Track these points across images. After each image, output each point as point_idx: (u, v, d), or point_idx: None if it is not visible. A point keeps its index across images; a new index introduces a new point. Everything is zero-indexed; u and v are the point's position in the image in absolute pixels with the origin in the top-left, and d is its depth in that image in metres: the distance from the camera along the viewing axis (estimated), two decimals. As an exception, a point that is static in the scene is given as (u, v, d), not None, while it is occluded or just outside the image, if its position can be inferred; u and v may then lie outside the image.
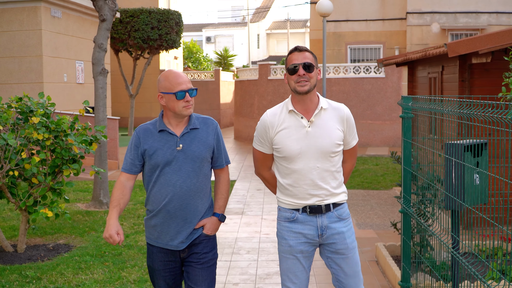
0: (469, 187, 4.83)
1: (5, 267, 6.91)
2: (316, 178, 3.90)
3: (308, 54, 3.94)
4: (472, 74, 8.56)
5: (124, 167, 3.99)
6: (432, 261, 5.96)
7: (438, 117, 5.23)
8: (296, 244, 3.96)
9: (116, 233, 3.84)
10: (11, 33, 15.52)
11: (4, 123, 7.01)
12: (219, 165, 4.07)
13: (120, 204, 3.91)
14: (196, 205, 3.92)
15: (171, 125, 3.93)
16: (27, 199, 7.15)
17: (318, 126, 3.92)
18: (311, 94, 3.93)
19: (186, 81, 3.88)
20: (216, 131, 4.03)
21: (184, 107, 3.83)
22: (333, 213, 3.96)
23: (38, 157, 6.87)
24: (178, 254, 3.97)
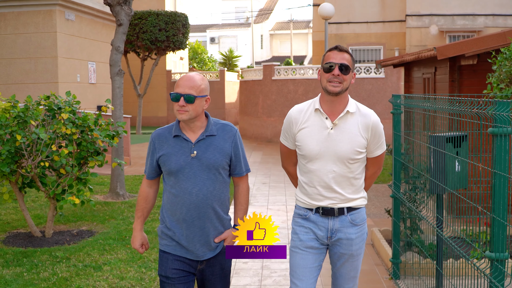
0: (450, 174, 5.57)
1: (36, 250, 7.66)
2: (331, 182, 3.82)
3: (347, 56, 3.81)
4: (461, 75, 9.29)
5: (146, 170, 3.97)
6: (421, 242, 6.67)
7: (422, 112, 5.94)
8: (306, 239, 3.92)
9: (140, 246, 3.96)
10: (27, 35, 16.26)
11: (35, 119, 7.75)
12: (237, 173, 3.93)
13: (144, 213, 3.95)
14: (212, 214, 3.81)
15: (186, 130, 3.82)
16: (55, 188, 7.90)
17: (341, 130, 3.81)
18: (341, 96, 3.81)
19: (187, 86, 3.72)
20: (234, 139, 3.88)
21: (177, 110, 3.72)
22: (346, 217, 3.89)
23: (66, 150, 7.61)
24: (196, 264, 3.88)
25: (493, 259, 3.42)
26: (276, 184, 13.04)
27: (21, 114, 7.63)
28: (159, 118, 30.72)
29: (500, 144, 3.36)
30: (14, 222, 9.21)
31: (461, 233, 8.12)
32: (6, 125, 7.59)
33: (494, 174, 3.41)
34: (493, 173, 3.41)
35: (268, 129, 23.01)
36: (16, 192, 8.10)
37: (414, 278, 6.28)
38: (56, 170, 7.93)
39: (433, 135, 5.65)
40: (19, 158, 7.76)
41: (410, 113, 6.53)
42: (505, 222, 3.38)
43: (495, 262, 3.42)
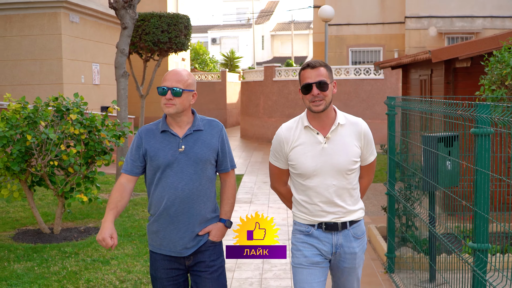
0: (442, 172, 5.87)
1: (45, 245, 7.96)
2: (332, 196, 3.78)
3: (322, 70, 3.74)
4: (456, 77, 9.59)
5: (124, 167, 3.89)
6: (415, 237, 6.97)
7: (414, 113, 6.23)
8: (311, 255, 3.84)
9: (109, 237, 3.72)
10: (32, 37, 16.56)
11: (45, 119, 8.06)
12: (224, 169, 3.94)
13: (117, 206, 3.80)
14: (199, 209, 3.80)
15: (173, 126, 3.83)
16: (64, 186, 8.20)
17: (334, 143, 3.79)
18: (327, 111, 3.78)
19: (175, 80, 3.75)
20: (221, 134, 3.91)
21: (164, 104, 3.73)
22: (349, 231, 3.86)
23: (74, 149, 7.91)
24: (183, 261, 3.85)
25: (476, 249, 3.71)
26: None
27: (31, 115, 7.93)
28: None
29: (481, 143, 3.65)
30: (23, 220, 9.51)
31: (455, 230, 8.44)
32: (17, 126, 7.89)
33: (476, 171, 3.70)
34: (475, 170, 3.70)
35: (269, 129, 23.30)
36: (26, 190, 8.39)
37: (408, 272, 6.58)
38: (64, 169, 8.23)
39: (425, 135, 5.95)
40: (28, 157, 8.06)
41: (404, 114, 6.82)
42: (486, 215, 3.67)
43: (477, 252, 3.71)
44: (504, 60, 7.34)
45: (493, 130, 3.61)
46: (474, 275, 3.74)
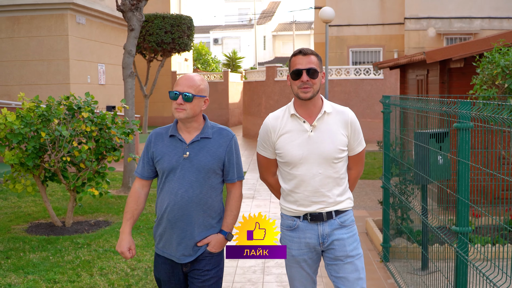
0: (434, 166, 6.26)
1: (58, 237, 8.37)
2: (318, 185, 3.79)
3: (313, 58, 3.79)
4: (451, 77, 9.99)
5: (137, 170, 3.96)
6: (410, 229, 7.36)
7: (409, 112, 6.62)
8: (298, 254, 3.89)
9: (128, 250, 3.83)
10: (40, 38, 16.97)
11: (57, 117, 8.46)
12: (229, 180, 3.91)
13: (134, 216, 3.87)
14: (197, 217, 3.78)
15: (183, 131, 3.83)
16: (76, 181, 8.61)
17: (321, 131, 3.80)
18: (314, 99, 3.81)
19: (186, 85, 3.75)
20: (229, 144, 3.86)
21: (175, 108, 3.72)
22: (335, 221, 3.86)
23: (86, 146, 8.32)
24: (180, 267, 3.86)
25: (458, 232, 4.11)
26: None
27: (45, 113, 8.34)
28: (164, 118, 31.44)
29: (462, 137, 4.05)
30: (35, 214, 9.92)
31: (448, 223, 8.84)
32: (31, 123, 8.29)
33: (458, 162, 4.10)
34: (457, 161, 4.11)
35: (270, 128, 23.69)
36: (39, 185, 8.80)
37: (402, 260, 6.97)
38: (76, 164, 8.64)
39: (417, 131, 6.35)
40: (42, 153, 8.46)
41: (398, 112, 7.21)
42: (467, 201, 4.07)
43: (460, 234, 4.12)
44: (495, 61, 7.73)
45: (473, 125, 4.01)
46: (457, 255, 4.14)
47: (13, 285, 6.36)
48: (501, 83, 7.66)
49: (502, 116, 3.53)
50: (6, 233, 8.64)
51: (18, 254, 7.52)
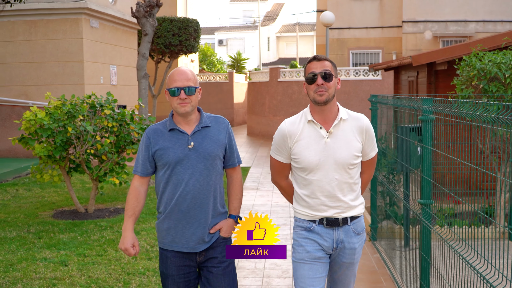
0: (413, 156, 7.23)
1: (82, 221, 9.36)
2: (334, 190, 3.84)
3: (328, 63, 3.86)
4: (437, 78, 10.96)
5: (136, 169, 3.99)
6: (395, 213, 8.33)
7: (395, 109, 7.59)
8: (314, 250, 3.91)
9: (131, 246, 3.88)
10: (56, 41, 17.97)
11: (82, 114, 9.46)
12: (231, 164, 4.01)
13: (135, 212, 3.92)
14: (209, 204, 3.87)
15: (181, 124, 3.91)
16: (98, 171, 9.61)
17: (337, 137, 3.85)
18: (330, 104, 3.86)
19: (184, 79, 3.84)
20: (228, 130, 3.99)
21: (179, 104, 3.81)
22: (349, 227, 3.92)
23: (108, 140, 9.31)
24: (195, 257, 3.91)
25: (422, 204, 5.09)
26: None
27: (71, 110, 9.33)
28: (171, 118, 32.41)
29: (425, 127, 5.03)
30: (58, 202, 10.92)
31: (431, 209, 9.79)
32: (58, 120, 9.29)
33: (423, 148, 5.08)
34: (422, 147, 5.08)
35: (274, 127, 24.73)
36: (64, 175, 9.79)
37: (388, 239, 7.94)
38: (98, 156, 9.63)
39: (400, 126, 7.32)
40: (68, 146, 9.45)
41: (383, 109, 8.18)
42: (430, 179, 5.05)
43: (424, 206, 5.09)
44: (472, 64, 8.71)
45: (434, 117, 4.99)
46: (421, 223, 5.12)
47: (48, 258, 7.35)
48: (477, 83, 8.62)
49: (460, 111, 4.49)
50: (34, 218, 9.63)
51: (48, 235, 8.51)
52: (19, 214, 9.90)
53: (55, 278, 6.63)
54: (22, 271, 6.84)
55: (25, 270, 6.89)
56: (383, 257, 7.44)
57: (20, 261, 7.25)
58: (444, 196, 9.70)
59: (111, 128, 9.46)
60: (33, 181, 13.11)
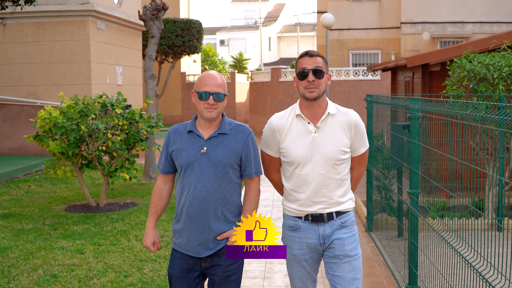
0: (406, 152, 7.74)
1: (95, 214, 9.89)
2: (320, 186, 3.84)
3: (319, 59, 3.85)
4: (431, 79, 11.49)
5: (158, 166, 4.07)
6: (390, 205, 8.85)
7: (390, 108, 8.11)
8: (300, 253, 3.96)
9: (152, 244, 4.01)
10: (63, 42, 18.50)
11: (94, 113, 9.99)
12: (247, 175, 3.95)
13: (157, 211, 4.00)
14: (215, 211, 3.85)
15: (201, 127, 3.91)
16: (109, 167, 10.14)
17: (324, 132, 3.85)
18: (319, 100, 3.85)
19: (215, 84, 3.82)
20: (246, 139, 3.91)
21: (205, 108, 3.80)
22: (336, 221, 3.91)
23: (119, 137, 9.85)
24: (200, 262, 3.93)
25: (410, 193, 5.61)
26: (282, 171, 15.32)
27: (83, 109, 9.87)
28: (174, 117, 33.01)
29: (413, 124, 5.56)
30: (70, 197, 11.46)
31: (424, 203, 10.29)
32: (72, 118, 9.82)
33: (411, 142, 5.61)
34: (410, 142, 5.61)
35: (275, 126, 25.26)
36: (77, 171, 10.33)
37: (382, 230, 8.46)
38: (109, 153, 10.16)
39: (393, 123, 7.84)
40: (80, 143, 9.98)
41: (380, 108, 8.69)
42: (417, 170, 5.57)
43: (412, 195, 5.62)
44: (462, 66, 9.23)
45: (421, 115, 5.52)
46: (409, 210, 5.65)
47: (65, 247, 7.88)
48: (467, 84, 9.15)
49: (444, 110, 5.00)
50: (48, 212, 10.16)
51: (63, 227, 9.04)
52: (33, 208, 10.42)
53: (73, 264, 7.16)
54: (42, 259, 7.37)
55: (44, 257, 7.42)
56: (377, 246, 7.97)
57: (39, 250, 7.78)
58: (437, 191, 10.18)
59: (122, 126, 9.98)
60: (44, 178, 13.66)
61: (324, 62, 3.88)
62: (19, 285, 6.44)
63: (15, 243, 8.13)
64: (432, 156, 9.24)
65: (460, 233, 4.47)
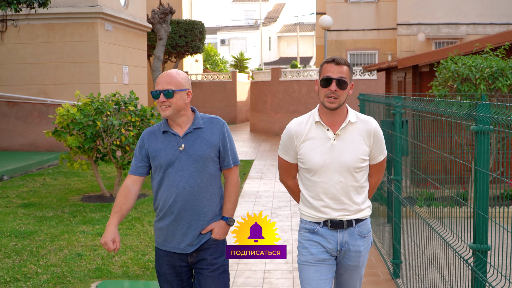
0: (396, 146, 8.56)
1: (109, 203, 10.72)
2: (338, 193, 3.78)
3: (345, 69, 3.75)
4: (421, 79, 12.32)
5: (130, 169, 4.03)
6: (381, 195, 9.66)
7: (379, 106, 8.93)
8: (318, 253, 3.88)
9: (112, 241, 3.87)
10: (73, 43, 19.33)
11: (108, 110, 10.81)
12: (226, 165, 3.99)
13: (121, 210, 3.93)
14: (201, 206, 3.87)
15: (174, 126, 3.90)
16: (122, 160, 10.97)
17: (343, 140, 3.79)
18: (340, 109, 3.80)
19: (165, 82, 3.79)
20: (222, 130, 3.94)
21: (160, 107, 3.81)
22: (354, 230, 3.86)
23: (132, 132, 10.67)
24: (186, 258, 3.93)
25: (394, 179, 6.44)
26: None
27: (99, 106, 10.70)
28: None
29: (396, 120, 6.39)
30: (84, 189, 12.29)
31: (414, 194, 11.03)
32: (88, 115, 10.65)
33: (395, 136, 6.43)
34: (394, 135, 6.43)
35: (275, 124, 26.12)
36: (92, 164, 11.15)
37: (375, 217, 9.27)
38: (122, 147, 10.99)
39: (384, 120, 8.66)
40: (96, 138, 10.81)
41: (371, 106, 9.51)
42: (400, 160, 6.40)
43: (395, 181, 6.45)
44: (448, 67, 10.06)
45: (403, 111, 6.34)
46: (393, 195, 6.47)
47: (86, 232, 8.71)
48: (452, 84, 9.97)
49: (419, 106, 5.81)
50: (65, 201, 11.00)
51: (81, 214, 9.88)
52: (51, 198, 11.25)
53: (94, 245, 7.99)
54: (66, 241, 8.20)
55: (68, 240, 8.25)
56: (368, 231, 8.79)
57: (62, 233, 8.61)
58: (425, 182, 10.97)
59: (134, 123, 10.81)
60: (57, 172, 14.49)
61: (350, 71, 3.80)
62: (48, 262, 7.27)
63: (39, 228, 8.96)
64: (419, 150, 10.04)
65: (445, 220, 4.75)
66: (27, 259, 7.40)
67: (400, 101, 6.33)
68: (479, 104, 3.56)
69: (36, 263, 7.22)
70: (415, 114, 7.25)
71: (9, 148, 17.96)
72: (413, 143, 8.38)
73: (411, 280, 6.11)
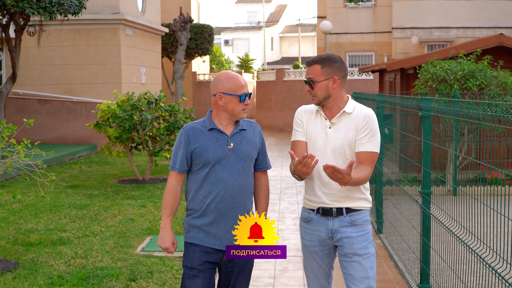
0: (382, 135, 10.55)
1: (143, 185, 12.70)
2: (329, 178, 3.75)
3: (314, 68, 3.90)
4: (408, 79, 14.31)
5: (173, 165, 3.96)
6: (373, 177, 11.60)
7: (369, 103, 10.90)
8: (310, 245, 4.05)
9: (171, 245, 3.94)
10: (97, 47, 21.29)
11: (142, 106, 12.81)
12: (262, 167, 4.07)
13: (173, 210, 3.95)
14: (245, 204, 3.93)
15: (222, 125, 3.93)
16: (154, 148, 12.97)
17: (337, 128, 3.92)
18: (330, 102, 3.94)
19: (246, 85, 3.90)
20: (260, 134, 4.05)
21: (242, 109, 3.87)
22: (345, 218, 3.93)
23: (163, 125, 12.67)
24: (222, 255, 3.95)
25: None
26: (287, 155, 18.11)
27: (135, 103, 12.70)
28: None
29: (380, 112, 8.37)
30: (118, 174, 14.29)
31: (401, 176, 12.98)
32: (126, 110, 12.64)
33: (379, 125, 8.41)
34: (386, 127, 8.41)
35: (279, 120, 28.17)
36: (127, 152, 13.15)
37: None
38: (154, 138, 12.99)
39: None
40: (132, 130, 12.80)
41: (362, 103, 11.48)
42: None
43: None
44: (428, 70, 12.06)
45: (384, 105, 8.33)
46: (377, 169, 8.46)
47: (131, 204, 10.70)
48: (431, 84, 11.97)
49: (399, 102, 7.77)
50: (105, 183, 12.99)
51: (123, 192, 11.87)
52: (92, 181, 13.25)
53: (141, 212, 9.99)
54: (117, 210, 10.19)
55: (118, 209, 10.23)
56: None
57: (112, 205, 10.60)
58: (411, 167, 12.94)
59: (164, 117, 12.81)
60: (89, 161, 16.50)
61: (324, 67, 3.90)
62: (108, 224, 9.25)
63: (91, 202, 10.96)
64: (407, 140, 11.97)
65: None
66: (89, 222, 9.37)
67: (382, 98, 8.31)
68: (423, 99, 5.55)
69: (98, 225, 9.20)
70: (394, 108, 9.15)
71: (41, 142, 19.95)
72: (399, 132, 10.34)
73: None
